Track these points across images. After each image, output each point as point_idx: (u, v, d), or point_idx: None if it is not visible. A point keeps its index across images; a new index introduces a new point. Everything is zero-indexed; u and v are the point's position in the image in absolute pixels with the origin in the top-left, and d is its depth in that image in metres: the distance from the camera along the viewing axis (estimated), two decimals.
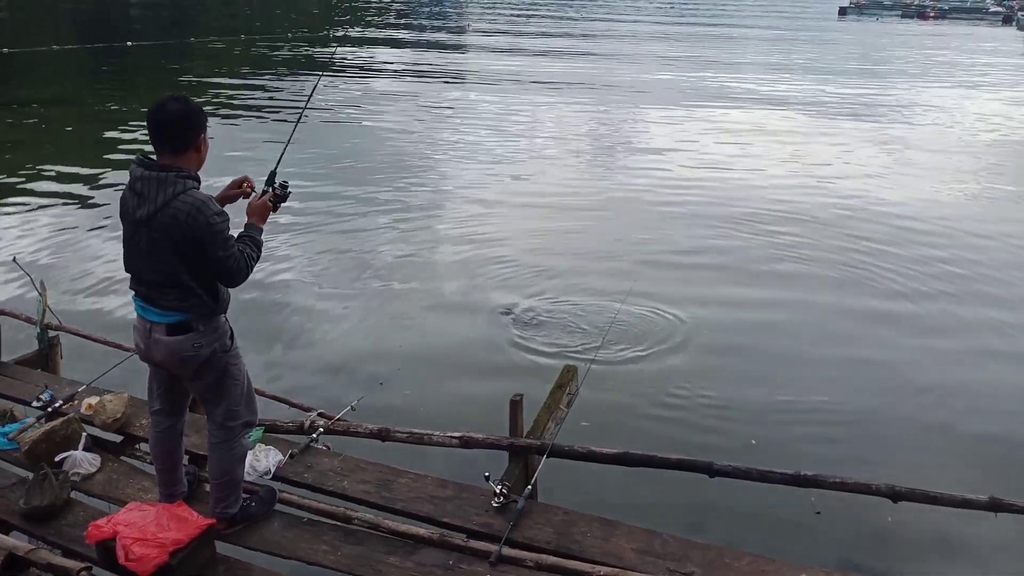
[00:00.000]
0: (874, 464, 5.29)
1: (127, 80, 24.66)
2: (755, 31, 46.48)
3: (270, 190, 3.65)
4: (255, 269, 3.52)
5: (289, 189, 3.73)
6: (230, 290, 3.54)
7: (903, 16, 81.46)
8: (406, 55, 33.20)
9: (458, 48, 37.31)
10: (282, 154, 3.78)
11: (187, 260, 3.31)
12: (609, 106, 20.73)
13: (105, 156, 14.31)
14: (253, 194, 3.67)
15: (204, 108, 3.52)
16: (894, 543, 4.75)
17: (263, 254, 3.62)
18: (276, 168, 3.73)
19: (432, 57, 32.04)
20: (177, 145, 3.33)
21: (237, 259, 3.35)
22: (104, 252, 9.26)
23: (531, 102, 21.02)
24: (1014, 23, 72.60)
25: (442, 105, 20.89)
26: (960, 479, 4.87)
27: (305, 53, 33.06)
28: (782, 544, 4.43)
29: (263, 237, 3.62)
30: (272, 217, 3.68)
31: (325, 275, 8.79)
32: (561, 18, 54.44)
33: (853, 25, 64.38)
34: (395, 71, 27.40)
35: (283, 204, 3.71)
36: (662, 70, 27.88)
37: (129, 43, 32.94)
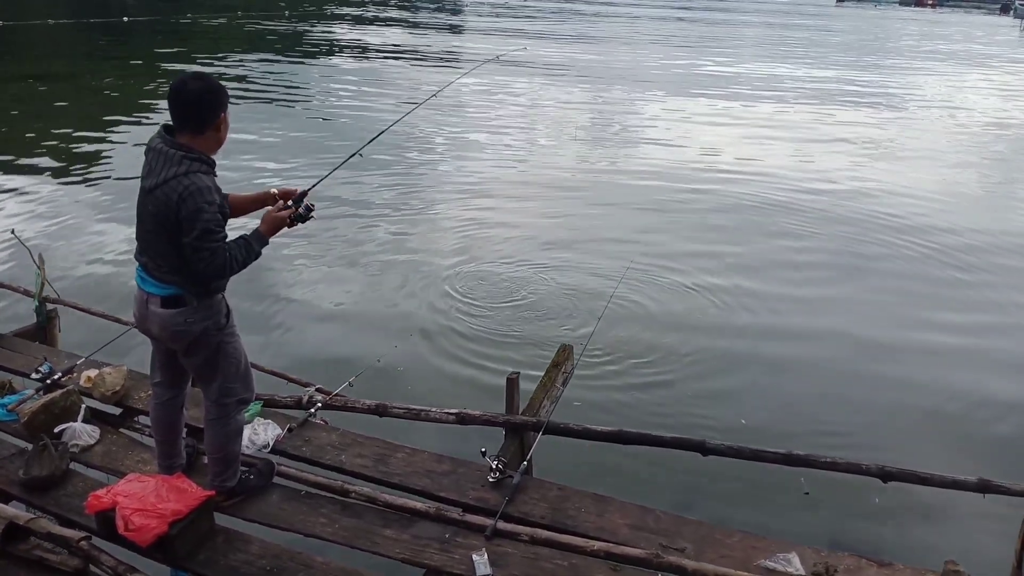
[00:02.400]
0: (864, 449, 5.34)
1: (123, 56, 24.50)
2: (751, 30, 44.58)
3: (293, 208, 3.60)
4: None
5: (313, 214, 3.68)
6: None
7: (901, 3, 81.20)
8: (407, 38, 32.99)
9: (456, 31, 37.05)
10: (319, 180, 3.79)
11: (175, 239, 3.31)
12: (610, 92, 20.59)
13: (101, 131, 14.26)
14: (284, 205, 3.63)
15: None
16: (883, 524, 4.82)
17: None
18: (308, 190, 3.71)
19: (432, 41, 31.81)
20: (196, 124, 3.32)
21: (215, 253, 3.28)
22: (101, 226, 9.28)
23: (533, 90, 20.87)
24: (1012, 12, 72.55)
25: (443, 91, 20.79)
26: (950, 464, 4.92)
27: (302, 30, 32.89)
28: (773, 523, 4.49)
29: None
30: None
31: (324, 254, 8.80)
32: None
33: (852, 14, 63.62)
34: (393, 54, 27.25)
35: (301, 224, 3.67)
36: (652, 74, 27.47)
37: (125, 19, 32.75)
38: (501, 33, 34.48)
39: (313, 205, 3.66)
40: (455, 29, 34.97)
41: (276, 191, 3.72)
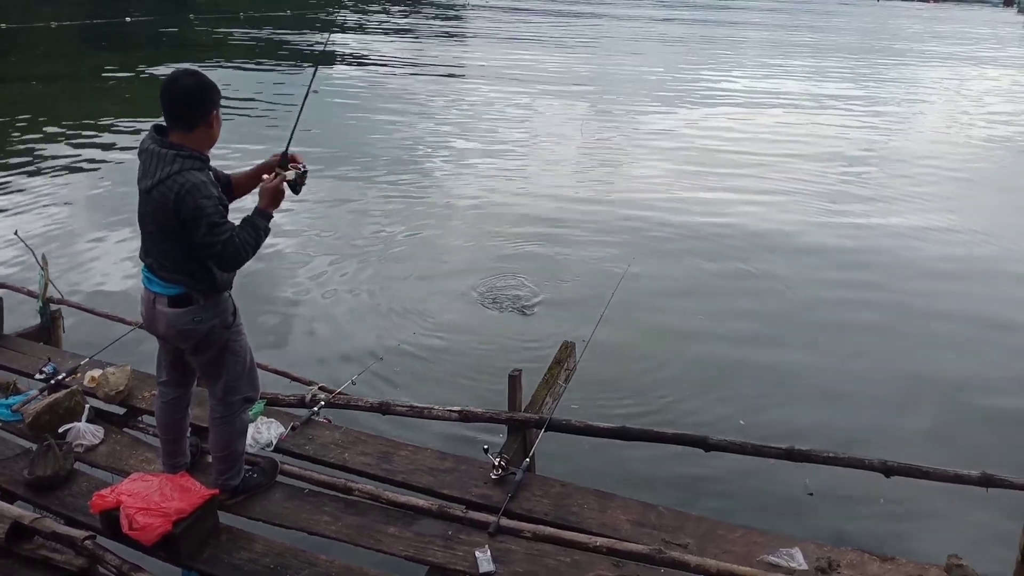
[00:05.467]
0: (866, 445, 5.33)
1: (126, 56, 24.51)
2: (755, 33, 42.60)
3: (282, 174, 3.50)
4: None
5: (305, 168, 3.57)
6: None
7: None
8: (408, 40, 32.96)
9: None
10: (291, 135, 3.59)
11: (177, 238, 3.31)
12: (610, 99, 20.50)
13: (105, 132, 14.27)
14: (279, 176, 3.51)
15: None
16: (886, 519, 4.81)
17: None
18: (287, 150, 3.56)
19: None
20: (188, 121, 3.31)
21: (226, 245, 3.28)
22: (104, 226, 9.29)
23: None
24: (1015, 6, 72.33)
25: (447, 81, 20.81)
26: (952, 458, 4.91)
27: (307, 24, 32.89)
28: (775, 518, 4.49)
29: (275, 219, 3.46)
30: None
31: (327, 252, 8.81)
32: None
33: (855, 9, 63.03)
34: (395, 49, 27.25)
35: (304, 185, 3.56)
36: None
37: (128, 19, 32.77)
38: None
39: (303, 164, 3.56)
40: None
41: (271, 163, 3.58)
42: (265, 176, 3.54)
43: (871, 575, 3.36)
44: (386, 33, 31.59)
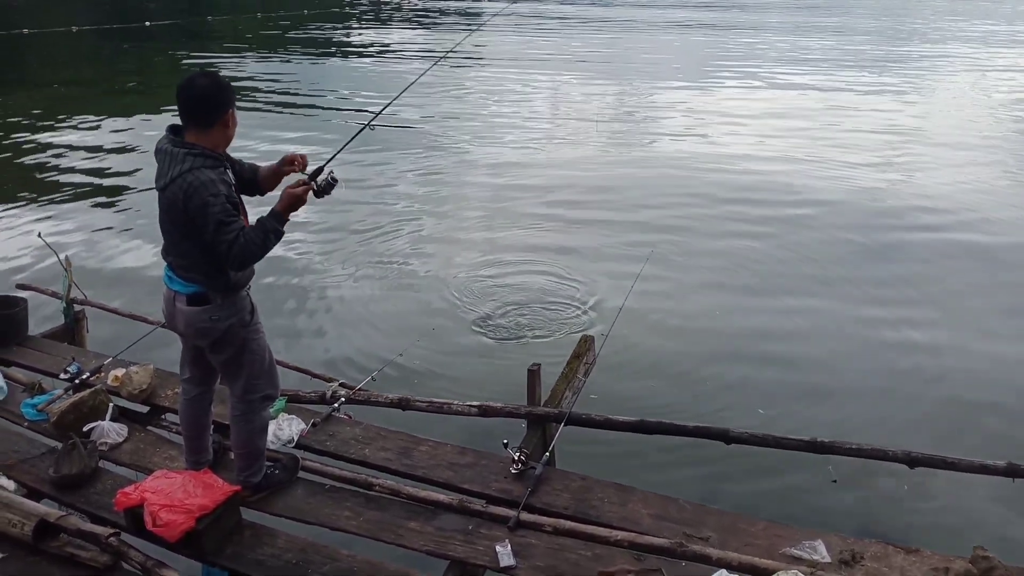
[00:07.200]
0: (889, 436, 5.26)
1: (146, 60, 24.75)
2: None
3: (309, 183, 3.50)
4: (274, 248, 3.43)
5: (338, 181, 3.56)
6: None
7: None
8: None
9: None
10: (337, 152, 3.61)
11: (191, 237, 3.34)
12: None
13: (126, 135, 14.40)
14: (299, 176, 3.54)
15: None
16: (910, 510, 4.76)
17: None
18: (324, 165, 3.57)
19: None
20: (203, 121, 3.34)
21: (231, 244, 3.28)
22: (127, 227, 9.40)
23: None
24: None
25: (462, 85, 20.81)
26: (978, 449, 4.85)
27: (321, 31, 33.07)
28: (797, 511, 4.46)
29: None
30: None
31: (346, 250, 8.85)
32: None
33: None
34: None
35: (328, 195, 3.56)
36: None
37: (147, 23, 33.07)
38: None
39: (335, 177, 3.56)
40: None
41: (289, 161, 3.63)
42: (287, 169, 3.59)
43: (896, 567, 3.33)
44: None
